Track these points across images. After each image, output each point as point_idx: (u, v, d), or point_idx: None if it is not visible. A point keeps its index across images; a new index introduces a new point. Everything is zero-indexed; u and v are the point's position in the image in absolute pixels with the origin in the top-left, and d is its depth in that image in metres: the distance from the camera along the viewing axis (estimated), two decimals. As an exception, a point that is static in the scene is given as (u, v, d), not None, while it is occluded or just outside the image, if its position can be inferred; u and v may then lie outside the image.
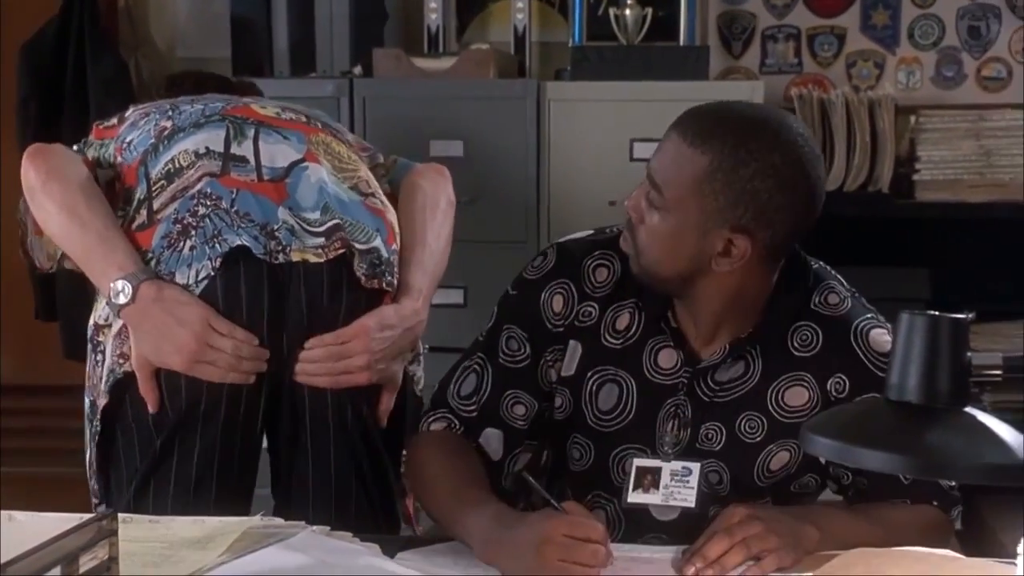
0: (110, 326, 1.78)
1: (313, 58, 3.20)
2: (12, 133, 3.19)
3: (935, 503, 1.62)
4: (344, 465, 1.83)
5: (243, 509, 1.79)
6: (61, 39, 3.24)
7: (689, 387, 1.65)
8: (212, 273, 1.71)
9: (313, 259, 1.74)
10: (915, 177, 3.08)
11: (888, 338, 1.62)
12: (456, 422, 1.69)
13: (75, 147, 1.92)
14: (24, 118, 3.21)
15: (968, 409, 1.12)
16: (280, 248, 1.73)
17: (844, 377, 1.62)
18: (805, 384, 1.64)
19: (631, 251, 1.64)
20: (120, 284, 1.69)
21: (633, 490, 1.63)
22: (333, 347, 1.76)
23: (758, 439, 1.65)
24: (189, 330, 1.68)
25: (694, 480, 1.63)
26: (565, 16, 3.35)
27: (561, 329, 1.69)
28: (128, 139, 1.87)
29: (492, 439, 1.68)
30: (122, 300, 1.69)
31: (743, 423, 1.65)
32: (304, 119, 1.92)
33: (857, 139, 3.05)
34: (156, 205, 1.77)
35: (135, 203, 1.79)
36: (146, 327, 1.70)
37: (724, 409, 1.65)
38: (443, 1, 3.25)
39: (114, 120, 1.95)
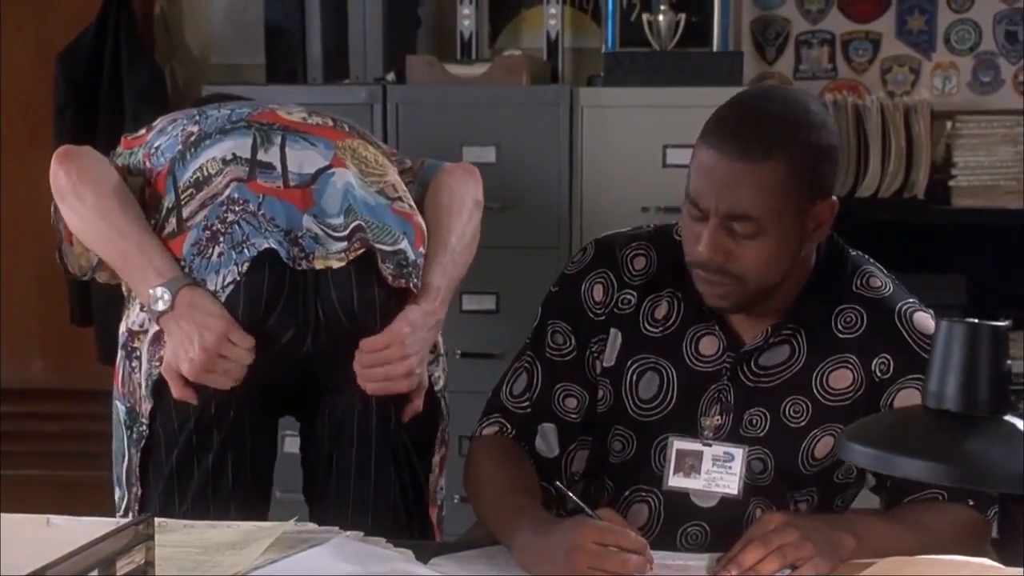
0: (146, 332, 1.78)
1: (346, 65, 3.21)
2: (47, 139, 3.23)
3: (970, 501, 1.61)
4: (384, 472, 1.83)
5: (263, 509, 1.82)
6: (97, 47, 3.27)
7: (732, 372, 1.65)
8: (238, 278, 1.71)
9: (336, 264, 1.75)
10: (951, 183, 3.06)
11: (931, 322, 1.64)
12: (507, 425, 1.71)
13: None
14: (60, 125, 3.24)
15: (1008, 418, 1.11)
16: (303, 255, 1.73)
17: (888, 357, 1.63)
18: (850, 366, 1.64)
19: (727, 286, 1.59)
20: (160, 291, 1.70)
21: (674, 474, 1.63)
22: (370, 355, 1.76)
23: (803, 424, 1.64)
24: (204, 341, 1.69)
25: (736, 466, 1.63)
26: (598, 22, 3.35)
27: (603, 317, 1.71)
28: (156, 144, 1.88)
29: (548, 435, 1.71)
30: (161, 307, 1.70)
31: (788, 408, 1.64)
32: (331, 123, 1.92)
33: (892, 145, 3.04)
34: (185, 213, 1.77)
35: (164, 211, 1.80)
36: (175, 332, 1.71)
37: (769, 394, 1.64)
38: (476, 8, 3.27)
39: (142, 131, 1.95)
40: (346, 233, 1.76)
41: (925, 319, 1.65)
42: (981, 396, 1.09)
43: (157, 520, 1.39)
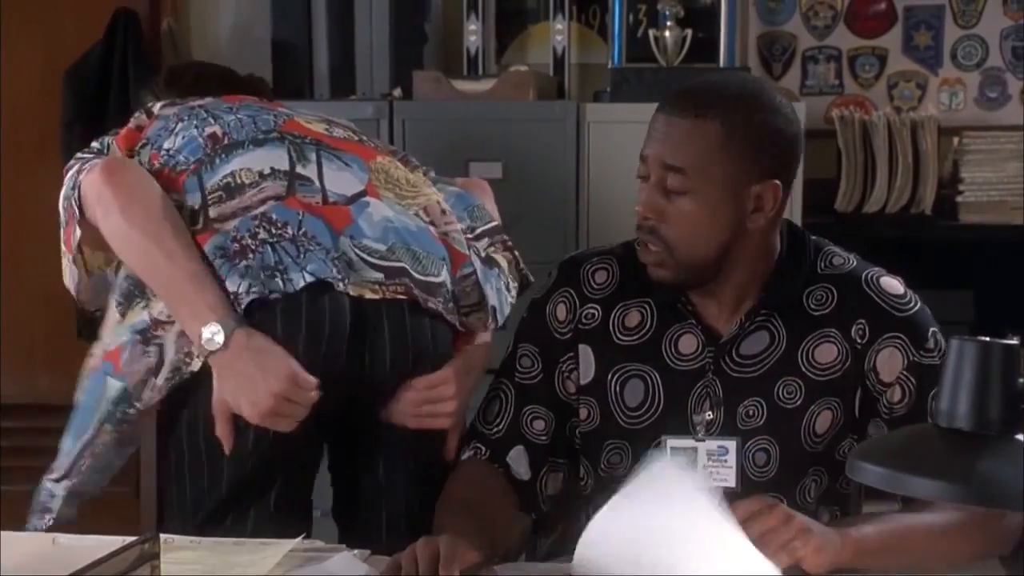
0: (173, 323, 1.71)
1: (353, 80, 3.21)
2: (54, 154, 3.23)
3: None
4: (417, 501, 1.80)
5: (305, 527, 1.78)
6: (105, 63, 3.28)
7: (716, 366, 1.66)
8: (263, 293, 1.65)
9: (370, 295, 1.70)
10: (958, 199, 3.05)
11: (899, 284, 1.69)
12: (482, 448, 1.72)
13: (94, 150, 1.85)
14: (68, 141, 3.24)
15: (1020, 436, 1.10)
16: (340, 278, 1.68)
17: (863, 321, 1.66)
18: (832, 339, 1.66)
19: (660, 254, 1.64)
20: (213, 329, 1.63)
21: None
22: (423, 392, 1.75)
23: (799, 403, 1.65)
24: (271, 386, 1.63)
25: (732, 459, 1.64)
26: (604, 38, 3.35)
27: (569, 335, 1.73)
28: (167, 147, 1.80)
29: (520, 458, 1.72)
30: (214, 347, 1.64)
31: (781, 390, 1.65)
32: (355, 136, 1.89)
33: (899, 160, 3.03)
34: (213, 213, 1.71)
35: (187, 211, 1.73)
36: (231, 373, 1.65)
37: (759, 382, 1.66)
38: (482, 23, 3.27)
39: (142, 117, 1.88)
40: (386, 266, 1.71)
41: (891, 282, 1.69)
42: (992, 415, 1.09)
43: (163, 537, 1.39)
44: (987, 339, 1.09)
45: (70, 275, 1.86)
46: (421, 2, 3.35)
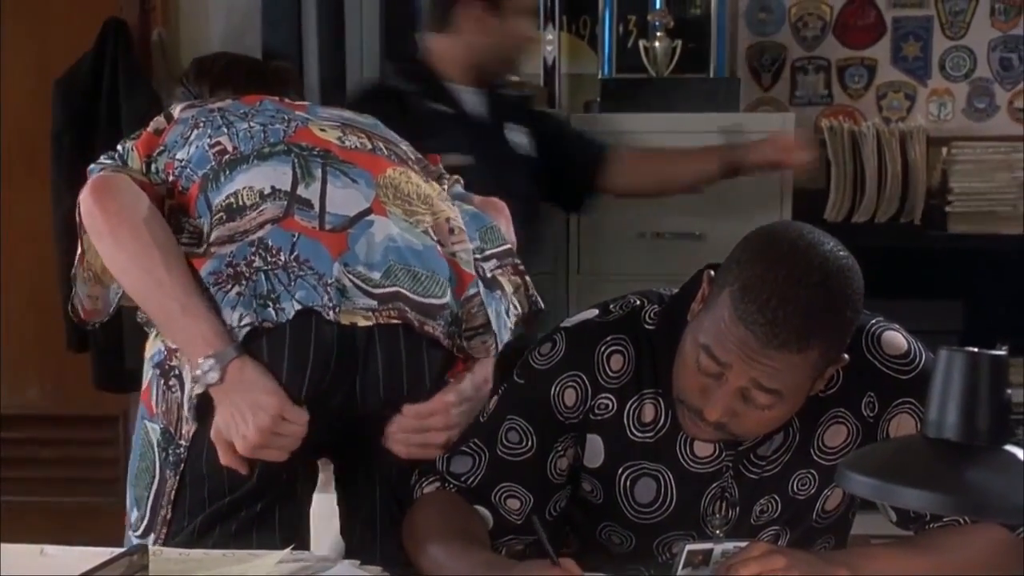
0: None
1: (344, 90, 3.21)
2: (45, 165, 3.23)
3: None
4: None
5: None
6: (95, 73, 3.27)
7: (735, 470, 1.61)
8: (256, 323, 1.63)
9: (362, 322, 1.65)
10: (947, 209, 3.06)
11: (899, 337, 1.61)
12: (450, 483, 1.64)
13: (114, 156, 1.80)
14: (58, 151, 3.23)
15: (1008, 447, 1.10)
16: (331, 306, 1.64)
17: (872, 394, 1.59)
18: (842, 419, 1.61)
19: (720, 437, 1.56)
20: (208, 364, 1.61)
21: (683, 568, 1.52)
22: (414, 421, 1.70)
23: (812, 492, 1.62)
24: (259, 421, 1.61)
25: None
26: (595, 48, 3.36)
27: (577, 420, 1.63)
28: (178, 155, 1.77)
29: (486, 517, 1.61)
30: (211, 380, 1.62)
31: (795, 484, 1.62)
32: (368, 146, 1.81)
33: (888, 171, 3.04)
34: (212, 236, 1.68)
35: (200, 234, 1.71)
36: (225, 405, 1.63)
37: (775, 480, 1.61)
38: (473, 34, 3.27)
39: (150, 128, 1.83)
40: (379, 293, 1.66)
41: (893, 340, 1.61)
42: (981, 425, 1.09)
43: (151, 548, 1.38)
44: (976, 350, 1.09)
45: (79, 288, 1.83)
46: (412, 12, 3.35)
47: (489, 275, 1.77)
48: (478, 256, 1.77)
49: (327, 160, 1.75)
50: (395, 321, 1.66)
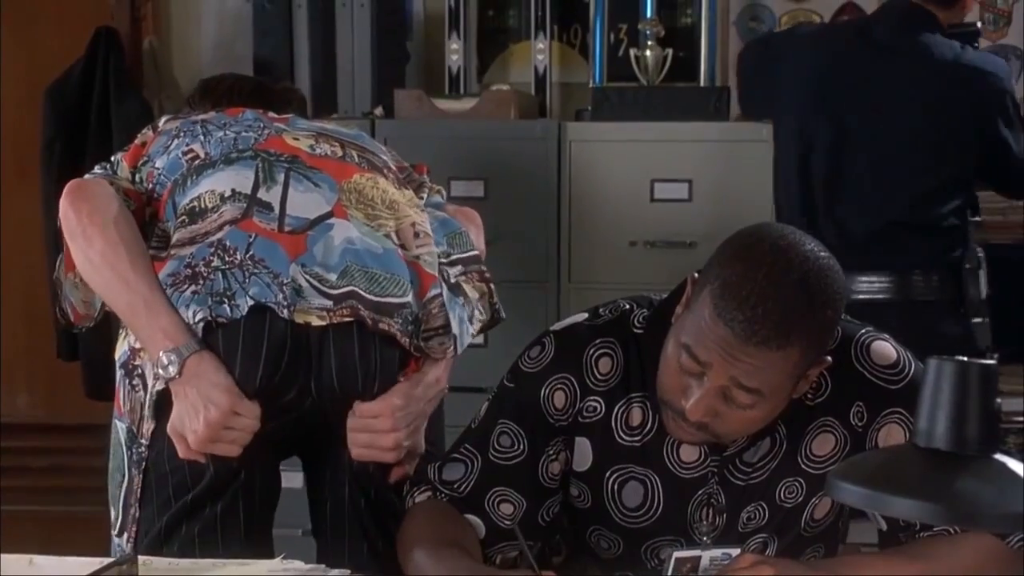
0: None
1: (335, 99, 3.22)
2: (36, 173, 3.22)
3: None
4: (374, 525, 1.80)
5: (267, 546, 1.79)
6: (86, 81, 3.27)
7: (720, 475, 1.61)
8: (209, 318, 1.66)
9: (316, 321, 1.67)
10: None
11: (888, 346, 1.62)
12: (442, 492, 1.64)
13: (106, 167, 1.86)
14: (48, 159, 3.23)
15: (998, 456, 1.11)
16: (286, 304, 1.66)
17: (861, 404, 1.60)
18: (830, 428, 1.61)
19: (703, 438, 1.56)
20: (167, 358, 1.65)
21: (671, 574, 1.53)
22: (360, 420, 1.72)
23: (800, 500, 1.62)
24: (208, 415, 1.64)
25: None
26: (586, 57, 3.37)
27: (565, 423, 1.63)
28: (158, 164, 1.82)
29: (477, 525, 1.61)
30: (170, 373, 1.65)
31: (782, 492, 1.62)
32: (339, 153, 1.84)
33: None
34: (174, 239, 1.73)
35: (167, 236, 1.75)
36: (180, 400, 1.67)
37: (762, 487, 1.61)
38: (464, 42, 3.28)
39: (141, 139, 1.88)
40: (336, 293, 1.68)
41: (881, 348, 1.61)
42: (971, 434, 1.09)
43: (141, 559, 1.38)
44: (964, 359, 1.09)
45: (70, 293, 1.86)
46: (403, 21, 3.36)
47: (453, 280, 1.80)
48: (444, 260, 1.79)
49: (293, 165, 1.78)
50: (348, 319, 1.68)
